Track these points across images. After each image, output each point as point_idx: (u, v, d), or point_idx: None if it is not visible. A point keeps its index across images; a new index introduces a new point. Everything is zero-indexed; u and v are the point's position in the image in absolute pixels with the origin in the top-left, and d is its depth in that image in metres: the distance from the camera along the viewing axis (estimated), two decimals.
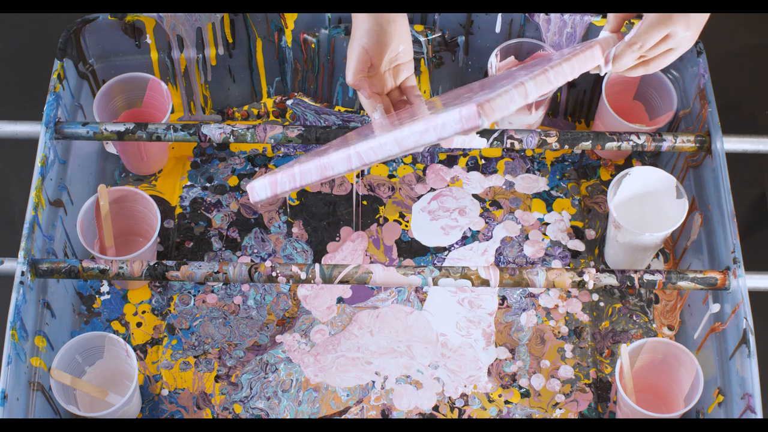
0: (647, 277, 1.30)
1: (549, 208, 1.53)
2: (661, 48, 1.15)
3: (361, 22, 1.24)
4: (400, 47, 1.25)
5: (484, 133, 1.38)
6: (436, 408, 1.39)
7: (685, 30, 1.13)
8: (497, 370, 1.41)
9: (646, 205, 1.43)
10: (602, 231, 1.51)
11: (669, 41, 1.14)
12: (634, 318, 1.45)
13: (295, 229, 1.51)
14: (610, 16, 1.19)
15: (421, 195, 1.53)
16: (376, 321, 1.44)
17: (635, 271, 1.30)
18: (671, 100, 1.48)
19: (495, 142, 1.39)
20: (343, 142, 1.22)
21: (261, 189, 1.20)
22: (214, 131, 1.40)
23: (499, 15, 1.51)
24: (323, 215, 1.52)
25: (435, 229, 1.51)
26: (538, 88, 1.11)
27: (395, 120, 1.20)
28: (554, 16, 1.49)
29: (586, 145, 1.39)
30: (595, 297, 1.46)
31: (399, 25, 1.25)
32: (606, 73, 1.25)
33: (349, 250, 1.49)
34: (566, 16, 1.48)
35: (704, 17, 1.13)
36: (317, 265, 1.30)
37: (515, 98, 1.09)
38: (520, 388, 1.40)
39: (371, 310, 1.45)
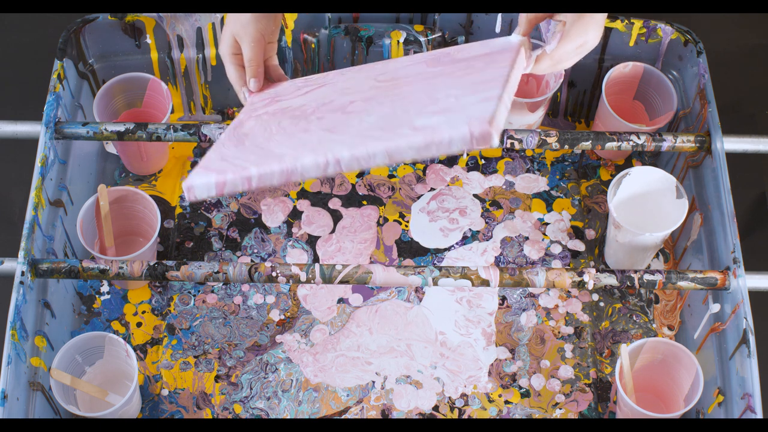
0: (647, 277, 1.30)
1: (549, 208, 1.53)
2: (573, 53, 1.21)
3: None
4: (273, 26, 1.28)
5: None
6: (436, 408, 1.39)
7: (596, 38, 1.19)
8: (497, 370, 1.41)
9: (646, 205, 1.43)
10: (602, 231, 1.51)
11: (580, 48, 1.20)
12: (634, 318, 1.45)
13: (294, 229, 1.51)
14: (522, 19, 1.21)
15: (421, 195, 1.53)
16: (375, 317, 1.44)
17: (635, 271, 1.30)
18: (671, 100, 1.48)
19: None
20: (305, 120, 1.16)
21: (202, 189, 1.12)
22: (214, 131, 1.40)
23: (499, 15, 1.51)
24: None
25: (434, 230, 1.51)
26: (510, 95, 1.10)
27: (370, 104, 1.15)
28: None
29: (586, 145, 1.39)
30: (595, 297, 1.46)
31: None
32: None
33: (353, 253, 1.49)
34: None
35: (604, 22, 1.20)
36: (317, 265, 1.30)
37: (502, 109, 1.06)
38: (520, 388, 1.40)
39: (370, 306, 1.45)
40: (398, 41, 1.52)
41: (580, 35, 1.18)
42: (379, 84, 1.20)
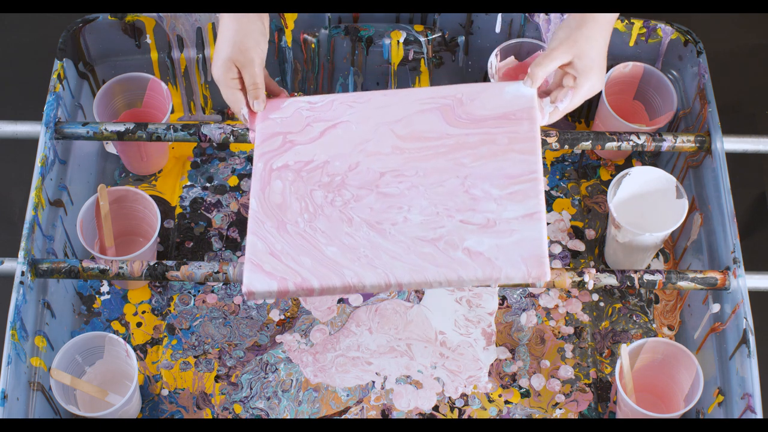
0: (647, 277, 1.30)
1: (549, 208, 1.53)
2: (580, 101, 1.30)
3: (252, 21, 1.27)
4: None
5: None
6: (436, 408, 1.39)
7: (601, 84, 1.28)
8: (497, 370, 1.41)
9: (646, 205, 1.43)
10: (602, 231, 1.51)
11: (586, 95, 1.29)
12: (634, 318, 1.45)
13: None
14: (535, 72, 1.26)
15: None
16: (375, 316, 1.44)
17: (635, 271, 1.30)
18: (671, 100, 1.48)
19: None
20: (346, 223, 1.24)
21: (263, 295, 1.21)
22: (214, 131, 1.40)
23: (499, 15, 1.51)
24: None
25: None
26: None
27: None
28: (554, 16, 1.49)
29: (586, 145, 1.39)
30: (595, 297, 1.46)
31: (266, 17, 1.30)
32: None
33: None
34: (566, 16, 1.48)
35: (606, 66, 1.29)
36: None
37: (545, 231, 1.21)
38: (520, 388, 1.40)
39: (369, 306, 1.45)
40: (398, 41, 1.52)
41: (585, 84, 1.26)
42: (401, 144, 1.28)
